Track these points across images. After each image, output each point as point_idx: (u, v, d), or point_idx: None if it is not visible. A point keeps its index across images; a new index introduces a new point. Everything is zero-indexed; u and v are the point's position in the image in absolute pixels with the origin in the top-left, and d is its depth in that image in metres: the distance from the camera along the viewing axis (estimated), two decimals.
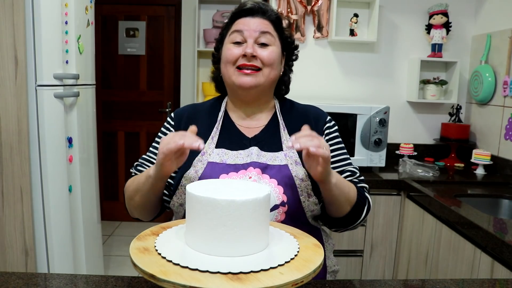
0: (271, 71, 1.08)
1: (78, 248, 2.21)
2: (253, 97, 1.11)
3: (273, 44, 1.09)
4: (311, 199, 1.05)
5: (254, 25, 1.08)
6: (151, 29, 3.74)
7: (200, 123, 1.13)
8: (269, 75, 1.08)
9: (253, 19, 1.09)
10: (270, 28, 1.10)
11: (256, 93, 1.10)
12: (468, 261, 1.55)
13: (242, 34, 1.08)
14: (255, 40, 1.07)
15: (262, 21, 1.09)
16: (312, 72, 2.66)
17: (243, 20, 1.10)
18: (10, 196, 1.91)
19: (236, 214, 0.74)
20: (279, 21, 1.13)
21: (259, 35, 1.07)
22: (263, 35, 1.08)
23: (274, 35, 1.10)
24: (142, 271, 0.69)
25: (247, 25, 1.08)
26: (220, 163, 1.05)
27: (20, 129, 1.88)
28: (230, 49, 1.08)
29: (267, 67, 1.07)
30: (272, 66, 1.08)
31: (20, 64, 1.85)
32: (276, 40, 1.10)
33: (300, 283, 0.69)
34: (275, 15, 1.12)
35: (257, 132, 1.13)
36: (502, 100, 2.33)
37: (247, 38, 1.07)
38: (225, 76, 1.11)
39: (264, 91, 1.12)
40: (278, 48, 1.11)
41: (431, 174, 2.23)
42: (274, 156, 1.07)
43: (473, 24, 2.65)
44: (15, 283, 0.86)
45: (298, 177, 1.04)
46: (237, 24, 1.10)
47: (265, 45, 1.08)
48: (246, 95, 1.11)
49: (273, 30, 1.10)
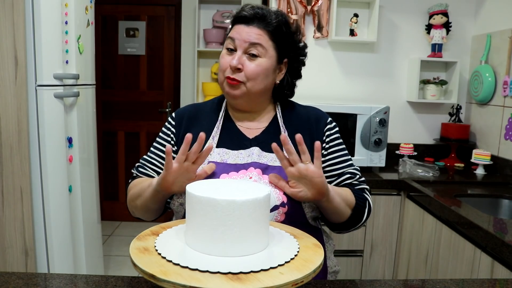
0: (255, 84, 1.06)
1: (78, 248, 2.21)
2: (244, 105, 1.12)
3: (263, 56, 1.06)
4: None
5: (245, 35, 1.05)
6: (151, 29, 3.74)
7: (201, 122, 1.14)
8: (252, 88, 1.07)
9: (247, 28, 1.06)
10: (263, 38, 1.06)
11: (246, 102, 1.11)
12: (468, 261, 1.55)
13: (234, 42, 1.07)
14: (245, 51, 1.06)
15: (256, 31, 1.05)
16: (312, 72, 2.66)
17: (238, 28, 1.08)
18: (10, 196, 1.91)
19: (236, 214, 0.74)
20: (279, 29, 1.08)
21: (248, 46, 1.05)
22: (253, 47, 1.05)
23: (266, 46, 1.06)
24: (142, 271, 0.69)
25: (239, 33, 1.06)
26: (221, 162, 1.06)
27: (20, 129, 1.88)
28: (223, 56, 1.09)
29: (250, 81, 1.06)
30: (255, 80, 1.06)
31: (20, 64, 1.85)
32: (268, 51, 1.06)
33: (300, 283, 0.69)
34: (275, 23, 1.07)
35: (257, 134, 1.13)
36: (502, 100, 2.33)
37: (237, 47, 1.06)
38: (219, 83, 1.13)
39: (254, 100, 1.11)
40: (270, 59, 1.07)
41: (431, 174, 2.23)
42: (274, 157, 1.07)
43: (473, 24, 2.65)
44: (15, 283, 0.86)
45: None
46: (233, 30, 1.09)
47: (254, 56, 1.06)
48: (236, 103, 1.12)
49: (267, 40, 1.06)
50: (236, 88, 1.07)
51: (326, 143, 1.14)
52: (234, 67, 1.05)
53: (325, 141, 1.14)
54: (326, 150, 1.14)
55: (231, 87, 1.07)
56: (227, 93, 1.09)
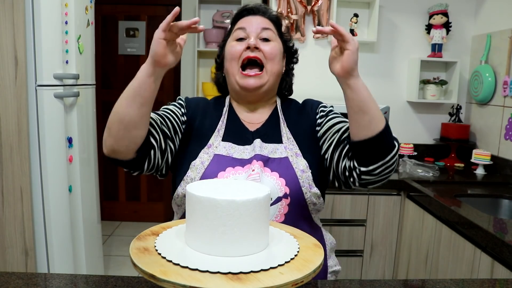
0: (274, 65, 1.11)
1: (78, 248, 2.21)
2: (256, 97, 1.14)
3: (275, 40, 1.14)
4: (313, 190, 1.05)
5: (256, 22, 1.13)
6: (151, 29, 3.72)
7: (206, 115, 1.16)
8: (272, 70, 1.11)
9: (255, 17, 1.15)
10: (271, 25, 1.15)
11: (260, 94, 1.13)
12: (468, 261, 1.55)
13: (245, 31, 1.12)
14: (258, 36, 1.12)
15: (263, 19, 1.15)
16: (312, 72, 2.66)
17: (245, 19, 1.15)
18: (10, 196, 1.91)
19: (236, 214, 0.74)
20: (278, 21, 1.19)
21: (261, 30, 1.12)
22: (265, 31, 1.12)
23: (275, 32, 1.15)
24: (142, 271, 0.69)
25: (249, 22, 1.13)
26: (227, 156, 1.07)
27: (20, 129, 1.88)
28: (234, 46, 1.12)
29: (269, 60, 1.10)
30: (274, 60, 1.11)
31: (20, 64, 1.85)
32: (277, 37, 1.15)
33: (300, 283, 0.69)
34: (275, 16, 1.18)
35: (258, 126, 1.15)
36: (502, 100, 2.33)
37: (250, 33, 1.11)
38: (229, 74, 1.13)
39: (268, 90, 1.14)
40: (279, 44, 1.15)
41: (431, 174, 2.23)
42: (274, 148, 1.08)
43: (473, 24, 2.65)
44: (15, 283, 0.86)
45: (299, 169, 1.05)
46: (240, 22, 1.15)
47: (267, 40, 1.12)
48: (249, 95, 1.13)
49: (273, 28, 1.15)
50: (256, 78, 1.09)
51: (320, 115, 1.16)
52: (253, 46, 1.08)
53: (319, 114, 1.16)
54: (323, 118, 1.14)
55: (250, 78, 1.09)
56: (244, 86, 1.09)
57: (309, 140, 1.12)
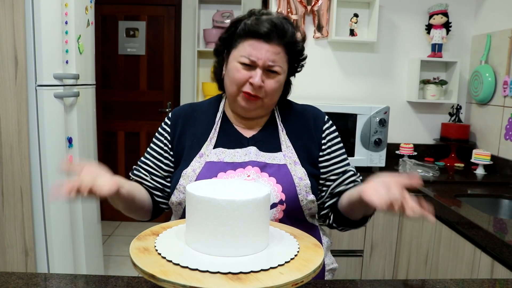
0: (272, 98, 1.09)
1: (78, 248, 2.21)
2: (252, 115, 1.12)
3: (281, 73, 1.07)
4: (309, 197, 1.05)
5: (266, 54, 1.03)
6: (151, 29, 3.73)
7: (197, 123, 1.13)
8: (269, 102, 1.09)
9: (267, 46, 1.03)
10: (282, 55, 1.06)
11: (257, 113, 1.12)
12: (468, 261, 1.55)
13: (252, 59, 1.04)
14: (264, 66, 1.04)
15: (275, 50, 1.04)
16: (312, 72, 2.65)
17: (256, 44, 1.03)
18: (10, 196, 1.91)
19: (236, 214, 0.74)
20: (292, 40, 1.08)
21: (268, 65, 1.04)
22: (274, 64, 1.04)
23: (284, 61, 1.07)
24: (142, 271, 0.69)
25: (259, 51, 1.03)
26: (218, 161, 1.06)
27: (20, 129, 1.88)
28: (239, 70, 1.05)
29: (268, 96, 1.07)
30: (273, 96, 1.08)
31: (20, 64, 1.85)
32: (284, 66, 1.08)
33: (300, 283, 0.69)
34: (290, 37, 1.07)
35: (255, 132, 1.13)
36: (502, 100, 2.32)
37: (258, 65, 1.04)
38: (229, 93, 1.10)
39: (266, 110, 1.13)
40: (284, 73, 1.09)
41: (431, 174, 2.23)
42: (273, 156, 1.08)
43: (473, 24, 2.65)
44: (15, 283, 0.86)
45: (297, 176, 1.05)
46: (250, 46, 1.04)
47: (274, 73, 1.05)
48: (248, 114, 1.12)
49: (284, 56, 1.06)
50: (254, 102, 1.07)
51: (326, 141, 1.15)
52: (258, 86, 1.03)
53: (325, 139, 1.15)
54: (329, 149, 1.15)
55: (248, 102, 1.07)
56: (242, 106, 1.08)
57: (308, 154, 1.12)
